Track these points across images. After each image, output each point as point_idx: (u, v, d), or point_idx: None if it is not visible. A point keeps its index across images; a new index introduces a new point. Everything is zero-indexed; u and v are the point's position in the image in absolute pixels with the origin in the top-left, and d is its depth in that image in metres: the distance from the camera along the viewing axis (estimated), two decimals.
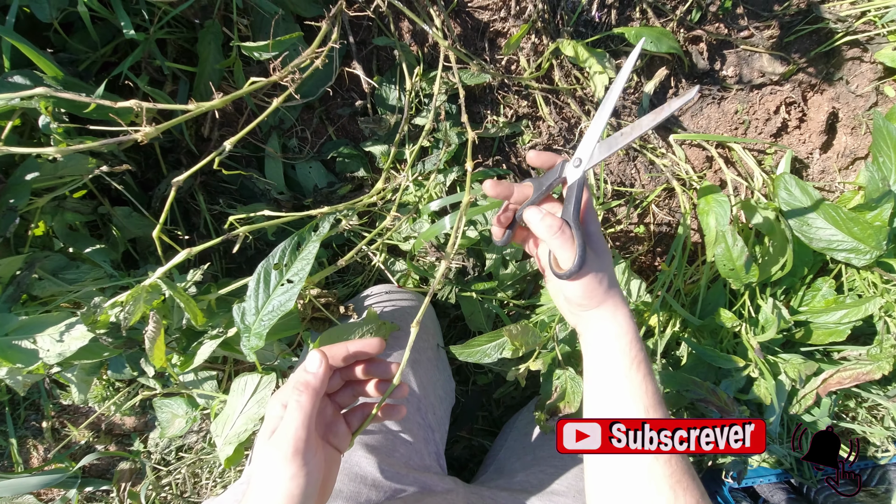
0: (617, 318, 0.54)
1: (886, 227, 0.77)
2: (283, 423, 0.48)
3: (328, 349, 0.53)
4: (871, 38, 0.93)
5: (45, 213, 0.77)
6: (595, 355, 0.55)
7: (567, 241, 0.52)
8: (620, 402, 0.52)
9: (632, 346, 0.53)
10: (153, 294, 0.64)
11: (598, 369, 0.54)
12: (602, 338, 0.54)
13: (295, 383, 0.49)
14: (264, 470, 0.47)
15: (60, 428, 1.08)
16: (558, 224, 0.52)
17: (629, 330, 0.54)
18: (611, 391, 0.53)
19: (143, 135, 0.58)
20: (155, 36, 0.78)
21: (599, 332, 0.54)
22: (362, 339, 0.54)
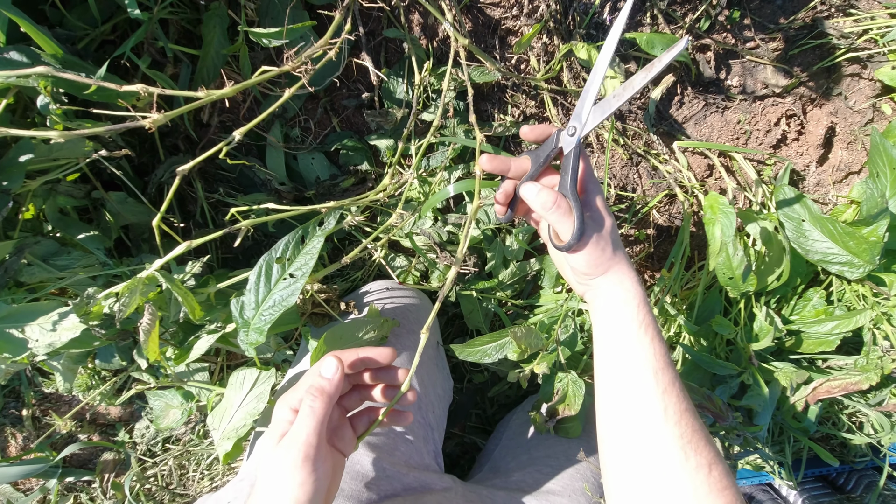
0: (624, 284, 0.54)
1: (881, 242, 0.79)
2: (294, 428, 0.47)
3: (340, 354, 0.52)
4: (871, 56, 0.95)
5: (36, 196, 0.73)
6: (604, 322, 0.55)
7: (564, 214, 0.53)
8: (631, 366, 0.52)
9: (639, 310, 0.53)
10: (150, 286, 0.62)
11: (607, 335, 0.55)
12: (610, 304, 0.54)
13: (309, 388, 0.49)
14: (273, 475, 0.47)
15: (41, 417, 1.04)
16: (553, 198, 0.53)
17: (636, 294, 0.54)
18: (621, 356, 0.53)
19: (151, 122, 0.55)
20: (158, 15, 0.74)
21: (607, 299, 0.55)
22: (375, 348, 0.53)
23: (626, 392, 0.52)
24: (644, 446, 0.50)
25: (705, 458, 0.49)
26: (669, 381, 0.51)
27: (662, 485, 0.48)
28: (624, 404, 0.52)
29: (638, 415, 0.51)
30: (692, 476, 0.48)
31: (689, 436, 0.49)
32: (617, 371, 0.53)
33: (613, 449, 0.53)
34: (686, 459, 0.48)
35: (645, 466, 0.50)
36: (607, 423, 0.54)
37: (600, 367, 0.56)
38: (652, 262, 1.06)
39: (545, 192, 0.53)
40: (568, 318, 0.88)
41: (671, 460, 0.48)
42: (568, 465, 0.82)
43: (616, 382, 0.53)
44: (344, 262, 0.76)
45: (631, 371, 0.52)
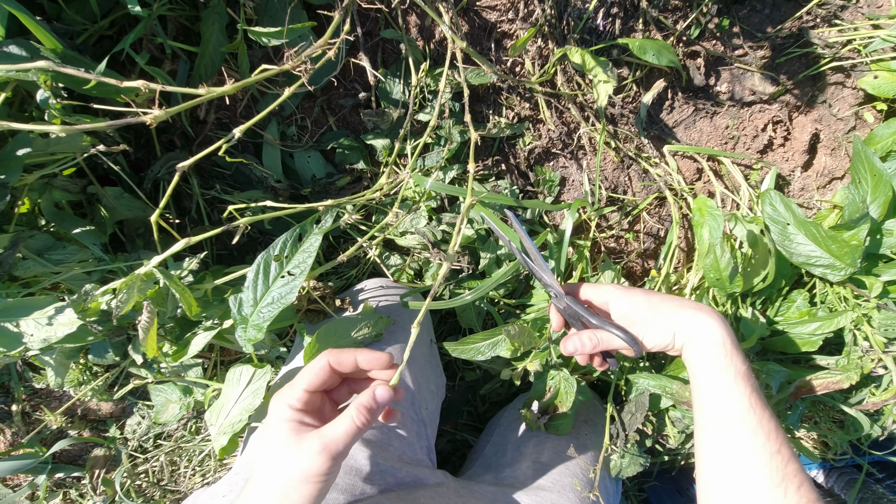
0: (704, 329, 0.58)
1: (862, 246, 0.82)
2: (333, 428, 0.49)
3: (337, 354, 0.53)
4: (854, 66, 0.98)
5: (32, 190, 0.73)
6: (695, 371, 0.59)
7: (605, 340, 0.62)
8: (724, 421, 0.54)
9: (728, 354, 0.56)
10: (147, 283, 0.62)
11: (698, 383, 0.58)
12: (696, 356, 0.58)
13: (360, 405, 0.51)
14: (294, 460, 0.48)
15: (31, 412, 1.03)
16: (584, 343, 0.63)
17: (720, 338, 0.57)
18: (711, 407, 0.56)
19: (152, 118, 0.56)
20: (158, 12, 0.75)
21: (693, 351, 0.58)
22: (374, 353, 0.54)
23: (717, 437, 0.54)
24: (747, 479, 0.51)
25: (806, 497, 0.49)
26: (757, 420, 0.53)
27: None
28: (715, 449, 0.54)
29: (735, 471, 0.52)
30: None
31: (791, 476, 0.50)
32: (709, 414, 0.56)
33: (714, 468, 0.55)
34: (785, 496, 0.49)
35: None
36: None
37: (696, 411, 0.58)
38: (642, 263, 1.09)
39: (574, 344, 0.63)
40: None
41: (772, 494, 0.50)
42: (558, 462, 0.84)
43: (708, 427, 0.55)
44: (340, 261, 0.77)
45: (720, 415, 0.54)
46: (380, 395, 0.52)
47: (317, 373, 0.52)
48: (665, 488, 1.09)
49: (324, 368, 0.52)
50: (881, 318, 0.82)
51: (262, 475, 0.49)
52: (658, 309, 0.60)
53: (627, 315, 0.61)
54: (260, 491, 0.48)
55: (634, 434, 0.87)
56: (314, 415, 0.52)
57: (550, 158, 1.01)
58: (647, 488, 1.13)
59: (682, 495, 1.05)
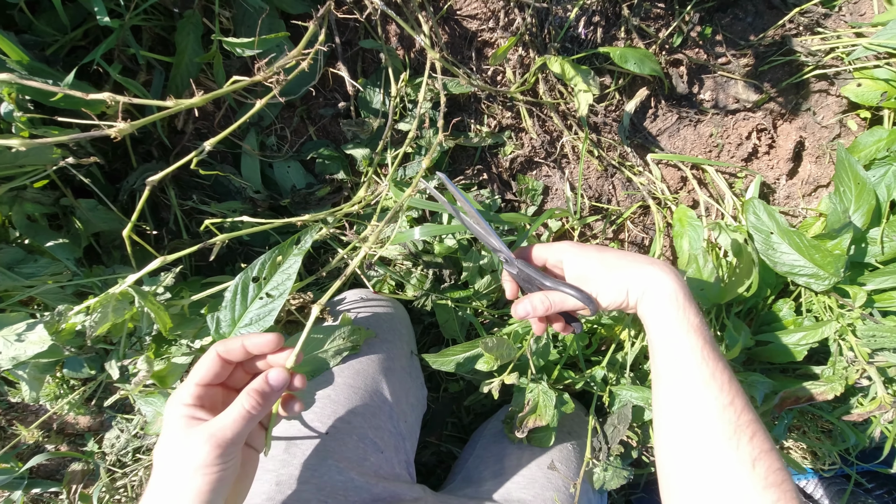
0: (658, 284, 0.56)
1: (845, 255, 0.81)
2: (219, 421, 0.49)
3: (225, 343, 0.53)
4: (838, 73, 0.97)
5: (1, 203, 0.72)
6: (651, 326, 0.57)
7: (558, 301, 0.59)
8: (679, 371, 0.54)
9: (682, 307, 0.55)
10: (122, 302, 0.61)
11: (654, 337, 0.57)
12: (651, 311, 0.57)
13: (251, 390, 0.50)
14: (181, 459, 0.48)
15: (7, 426, 1.02)
16: (535, 306, 0.60)
17: (674, 291, 0.55)
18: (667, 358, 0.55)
19: (117, 131, 0.55)
20: (130, 23, 0.74)
21: (647, 307, 0.57)
22: (260, 336, 0.53)
23: (671, 389, 0.54)
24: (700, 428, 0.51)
25: (759, 447, 0.49)
26: (710, 372, 0.52)
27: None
28: (669, 401, 0.54)
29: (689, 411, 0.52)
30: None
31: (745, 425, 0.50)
32: (663, 367, 0.55)
33: (669, 424, 0.54)
34: (738, 446, 0.48)
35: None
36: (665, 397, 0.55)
37: (652, 365, 0.58)
38: None
39: (522, 305, 0.60)
40: None
41: (726, 443, 0.49)
42: (539, 475, 0.83)
43: (663, 379, 0.55)
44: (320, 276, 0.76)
45: (673, 367, 0.54)
46: (272, 377, 0.51)
47: (207, 365, 0.52)
48: (652, 500, 1.08)
49: (213, 360, 0.52)
50: (865, 328, 0.81)
51: (158, 471, 0.48)
52: (611, 265, 0.58)
53: (582, 274, 0.60)
54: (157, 486, 0.48)
55: (618, 446, 0.86)
56: (210, 409, 0.51)
57: (533, 167, 1.00)
58: (634, 500, 1.12)
59: None
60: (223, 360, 0.53)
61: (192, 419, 0.49)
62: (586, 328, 0.95)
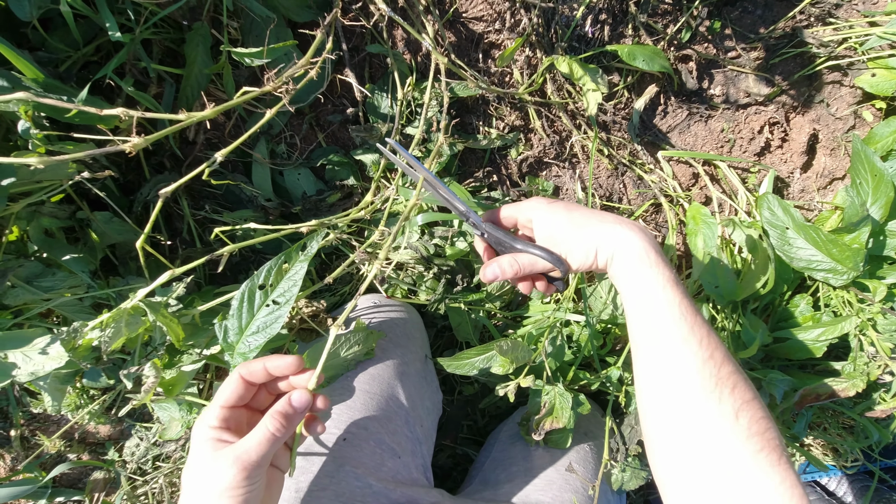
0: (626, 244, 0.55)
1: (863, 249, 0.80)
2: (245, 443, 0.49)
3: (248, 365, 0.54)
4: (851, 64, 0.96)
5: (20, 218, 0.73)
6: (623, 286, 0.56)
7: (527, 264, 0.58)
8: (656, 328, 0.53)
9: (651, 266, 0.54)
10: (135, 316, 0.62)
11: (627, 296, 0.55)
12: (623, 272, 0.55)
13: (275, 412, 0.51)
14: (210, 482, 0.48)
15: (30, 437, 1.03)
16: (503, 269, 0.59)
17: (643, 250, 0.54)
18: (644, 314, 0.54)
19: (131, 146, 0.56)
20: (140, 37, 0.75)
21: (619, 268, 0.55)
22: (281, 358, 0.54)
23: (650, 345, 0.53)
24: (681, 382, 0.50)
25: (741, 398, 0.48)
26: (689, 326, 0.51)
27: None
28: (649, 358, 0.53)
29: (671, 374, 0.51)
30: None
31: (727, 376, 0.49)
32: (640, 324, 0.54)
33: (649, 377, 0.53)
34: (720, 399, 0.48)
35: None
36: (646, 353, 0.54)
37: (629, 325, 0.56)
38: None
39: (490, 268, 0.59)
40: (555, 330, 0.88)
41: (707, 396, 0.49)
42: (557, 477, 0.82)
43: (640, 336, 0.54)
44: (328, 282, 0.76)
45: (651, 323, 0.53)
46: (296, 399, 0.52)
47: (231, 388, 0.53)
48: None
49: (237, 382, 0.53)
50: (886, 323, 0.80)
51: (185, 493, 0.49)
52: (579, 224, 0.57)
53: (551, 235, 0.58)
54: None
55: (636, 447, 0.86)
56: (236, 430, 0.52)
57: (543, 168, 1.00)
58: (653, 500, 1.11)
59: None
60: (246, 382, 0.53)
61: (218, 441, 0.50)
62: (600, 328, 0.95)
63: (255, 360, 0.53)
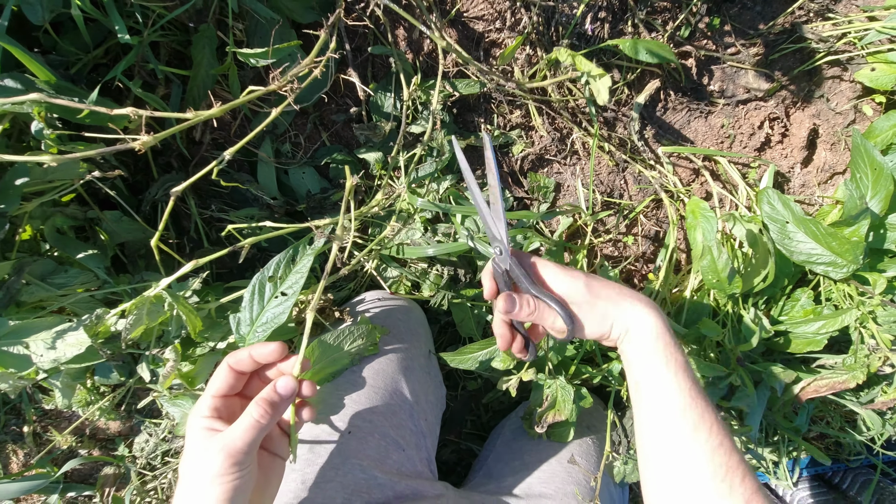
0: (641, 322, 0.55)
1: (863, 242, 0.80)
2: (231, 432, 0.51)
3: (234, 354, 0.55)
4: (851, 59, 0.96)
5: (33, 217, 0.75)
6: (631, 362, 0.56)
7: (541, 311, 0.56)
8: (660, 405, 0.53)
9: (662, 344, 0.54)
10: (156, 305, 0.63)
11: (635, 373, 0.56)
12: (634, 347, 0.56)
13: (260, 399, 0.52)
14: (200, 471, 0.50)
15: (42, 433, 1.06)
16: (521, 305, 0.56)
17: (655, 328, 0.55)
18: (650, 393, 0.54)
19: (140, 143, 0.57)
20: (148, 39, 0.77)
21: (630, 342, 0.56)
22: (265, 345, 0.55)
23: (659, 432, 0.53)
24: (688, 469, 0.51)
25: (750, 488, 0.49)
26: (699, 414, 0.51)
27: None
28: (657, 445, 0.53)
29: (669, 448, 0.52)
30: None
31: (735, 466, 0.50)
32: (649, 408, 0.54)
33: (656, 468, 0.53)
34: (731, 490, 0.48)
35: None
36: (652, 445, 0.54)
37: (635, 405, 0.56)
38: (641, 266, 1.08)
39: (509, 300, 0.56)
40: None
41: (717, 486, 0.49)
42: (560, 469, 0.83)
43: (649, 421, 0.54)
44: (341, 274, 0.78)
45: (661, 410, 0.53)
46: (280, 385, 0.53)
47: (221, 377, 0.54)
48: None
49: (226, 371, 0.54)
50: (886, 315, 0.80)
51: (181, 481, 0.51)
52: (598, 293, 0.57)
53: (566, 294, 0.57)
54: (181, 495, 0.50)
55: None
56: (228, 419, 0.53)
57: (544, 165, 1.01)
58: None
59: None
60: (235, 371, 0.55)
61: (209, 430, 0.51)
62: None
63: (242, 349, 0.55)
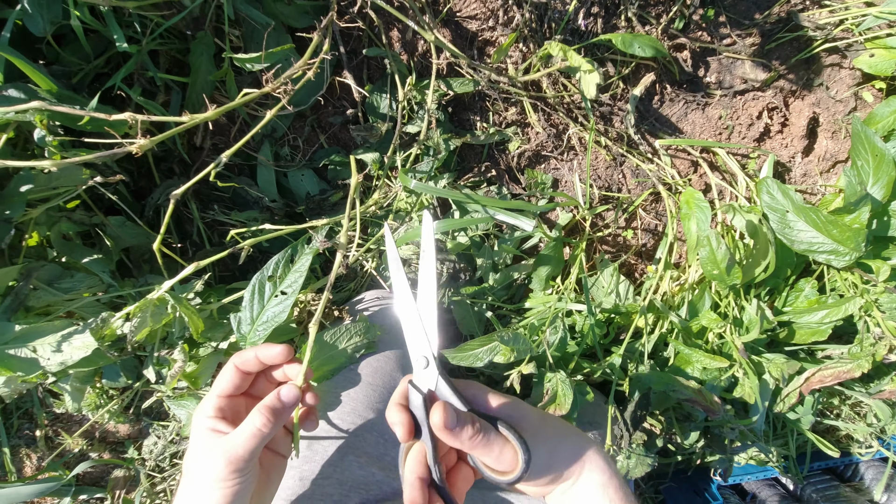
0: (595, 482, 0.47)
1: (864, 229, 0.79)
2: (233, 438, 0.50)
3: (241, 354, 0.55)
4: (849, 46, 0.95)
5: (39, 223, 0.77)
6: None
7: (489, 440, 0.43)
8: None
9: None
10: (160, 307, 0.65)
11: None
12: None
13: (262, 407, 0.51)
14: (202, 474, 0.50)
15: (54, 437, 1.08)
16: (462, 424, 0.42)
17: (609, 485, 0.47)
18: None
19: (138, 146, 0.59)
20: (147, 48, 0.78)
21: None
22: (271, 347, 0.54)
23: None
24: None
25: None
26: None
27: None
28: None
29: None
30: None
31: None
32: None
33: None
34: None
35: None
36: None
37: None
38: (641, 260, 1.07)
39: (442, 414, 0.42)
40: (557, 320, 0.89)
41: None
42: None
43: None
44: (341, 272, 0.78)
45: None
46: (284, 393, 0.52)
47: (227, 377, 0.54)
48: (681, 488, 1.06)
49: (231, 372, 0.54)
50: (891, 302, 0.79)
51: (184, 479, 0.51)
52: (549, 422, 0.48)
53: (511, 416, 0.48)
54: (183, 494, 0.51)
55: (641, 434, 0.86)
56: (232, 419, 0.53)
57: (541, 161, 1.01)
58: (664, 489, 1.10)
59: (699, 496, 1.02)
60: (241, 371, 0.55)
61: (213, 431, 0.52)
62: (603, 317, 0.95)
63: (248, 349, 0.55)
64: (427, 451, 0.44)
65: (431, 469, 0.44)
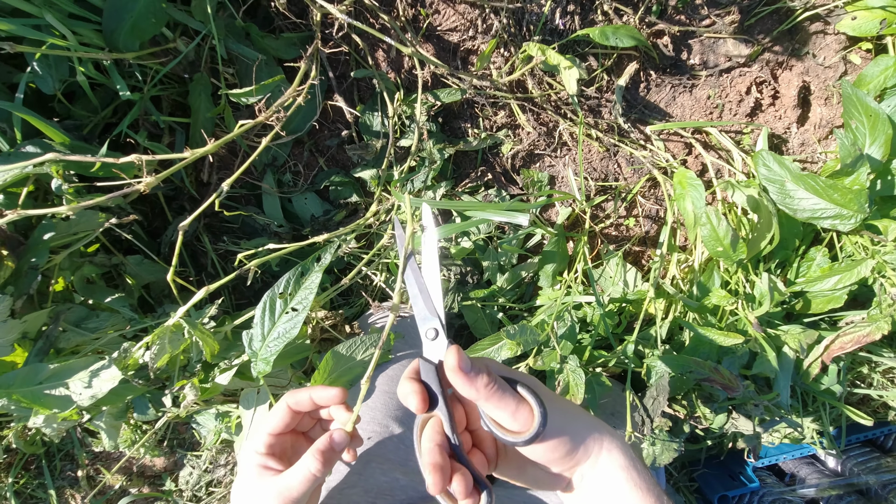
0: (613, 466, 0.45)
1: (865, 190, 0.79)
2: (286, 479, 0.51)
3: (294, 394, 0.55)
4: (830, 11, 0.95)
5: (63, 268, 0.82)
6: None
7: (501, 390, 0.41)
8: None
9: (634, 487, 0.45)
10: (176, 333, 0.68)
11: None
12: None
13: (315, 451, 0.51)
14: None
15: (95, 475, 1.12)
16: (478, 370, 0.41)
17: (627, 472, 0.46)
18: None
19: (144, 184, 0.63)
20: (149, 94, 0.84)
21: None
22: (326, 389, 0.54)
23: None
24: None
25: None
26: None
27: None
28: None
29: None
30: None
31: None
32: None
33: None
34: None
35: None
36: None
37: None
38: (646, 247, 1.07)
39: (460, 354, 0.41)
40: (565, 313, 0.90)
41: None
42: None
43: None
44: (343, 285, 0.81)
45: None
46: (336, 438, 0.53)
47: (279, 416, 0.55)
48: (715, 474, 1.04)
49: (284, 411, 0.55)
50: None
51: None
52: (565, 409, 0.47)
53: (525, 381, 0.46)
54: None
55: (664, 420, 0.85)
56: (282, 457, 0.54)
57: (535, 160, 1.03)
58: (697, 476, 1.08)
59: (734, 479, 0.99)
60: (293, 410, 0.56)
61: (264, 468, 0.53)
62: (613, 307, 0.95)
63: (302, 389, 0.56)
64: (444, 421, 0.42)
65: (450, 437, 0.42)
